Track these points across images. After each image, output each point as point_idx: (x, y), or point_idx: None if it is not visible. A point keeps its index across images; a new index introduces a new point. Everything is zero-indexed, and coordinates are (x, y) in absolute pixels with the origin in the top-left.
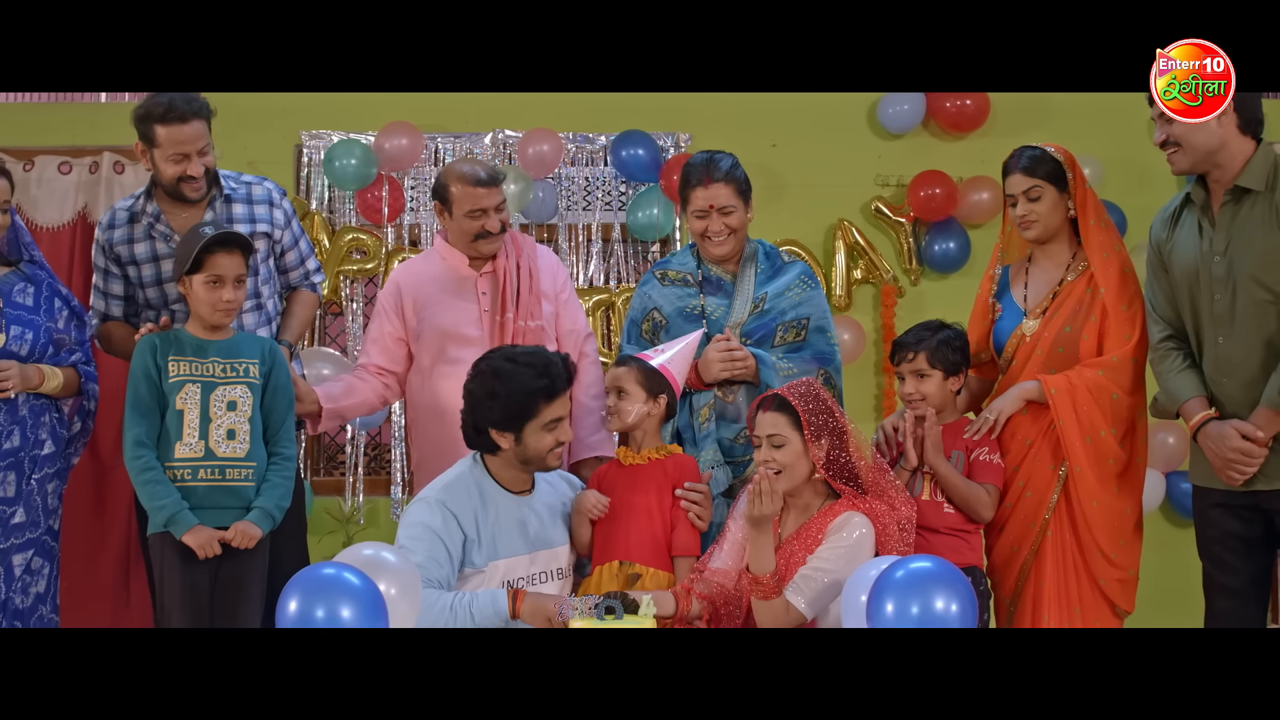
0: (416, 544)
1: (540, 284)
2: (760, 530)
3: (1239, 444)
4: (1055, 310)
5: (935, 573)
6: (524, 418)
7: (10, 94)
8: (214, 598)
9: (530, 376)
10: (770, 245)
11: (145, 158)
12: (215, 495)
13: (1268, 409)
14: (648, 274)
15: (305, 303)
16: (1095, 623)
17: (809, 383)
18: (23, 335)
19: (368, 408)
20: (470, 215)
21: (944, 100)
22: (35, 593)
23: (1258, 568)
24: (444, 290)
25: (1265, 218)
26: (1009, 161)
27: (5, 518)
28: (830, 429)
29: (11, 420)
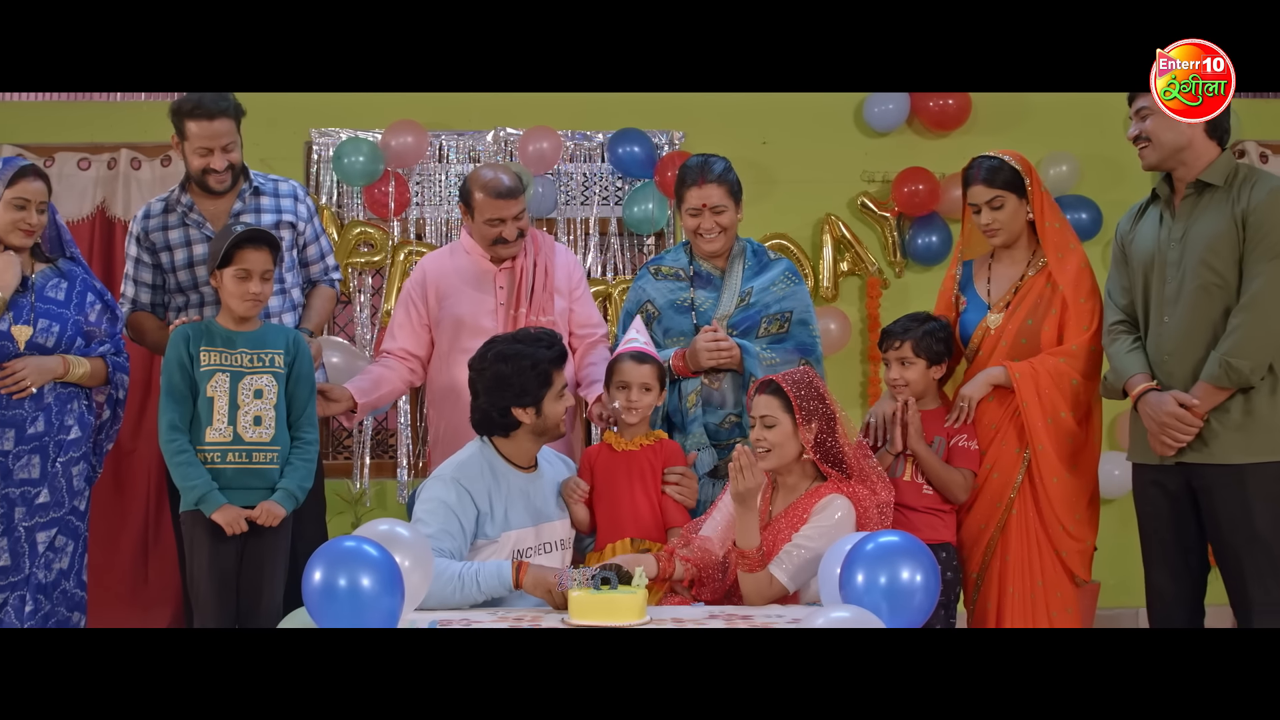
0: (431, 517)
1: (555, 280)
2: (745, 507)
3: (1174, 409)
4: (1018, 304)
5: (902, 546)
6: (543, 388)
7: (31, 94)
8: (240, 572)
9: (540, 349)
10: (758, 244)
11: (179, 151)
12: (243, 477)
13: (1208, 383)
14: (643, 268)
15: (325, 296)
16: (1056, 593)
17: (806, 371)
18: (49, 328)
19: (397, 395)
20: (489, 223)
21: (927, 100)
22: (59, 568)
23: (1191, 544)
24: (465, 282)
25: (1220, 209)
26: (969, 172)
27: (30, 498)
28: (820, 414)
29: (36, 407)
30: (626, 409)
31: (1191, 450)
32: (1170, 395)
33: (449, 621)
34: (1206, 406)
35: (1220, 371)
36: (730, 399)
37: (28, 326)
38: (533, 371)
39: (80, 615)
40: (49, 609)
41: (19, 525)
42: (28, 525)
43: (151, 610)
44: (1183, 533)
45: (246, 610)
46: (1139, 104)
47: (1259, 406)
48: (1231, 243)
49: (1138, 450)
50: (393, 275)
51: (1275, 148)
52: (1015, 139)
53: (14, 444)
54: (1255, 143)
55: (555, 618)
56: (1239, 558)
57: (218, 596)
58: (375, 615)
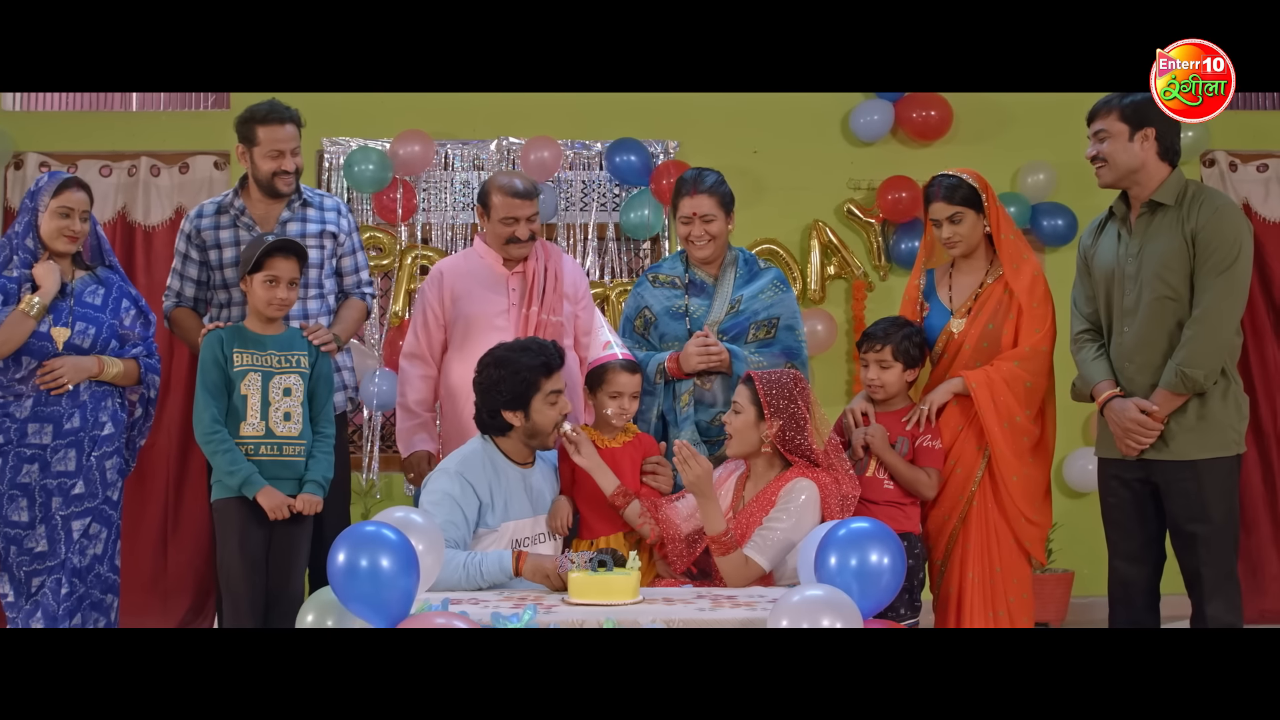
0: (437, 508)
1: (563, 286)
2: (701, 495)
3: (1136, 415)
4: (979, 310)
5: (871, 532)
6: (529, 393)
7: (56, 104)
8: (268, 555)
9: (528, 357)
10: (750, 253)
11: (244, 158)
12: (273, 468)
13: (1165, 390)
14: (642, 276)
15: (355, 308)
16: (1013, 579)
17: (788, 373)
18: (86, 330)
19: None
20: (504, 221)
21: (911, 111)
22: (93, 554)
23: (1151, 533)
24: (479, 283)
25: (1172, 227)
26: (930, 190)
27: (66, 489)
28: (788, 414)
29: (72, 404)
30: (619, 414)
31: (1152, 448)
32: (1132, 402)
33: (460, 600)
34: (1165, 411)
35: (1176, 380)
36: (720, 399)
37: (66, 328)
38: (516, 378)
39: (113, 597)
40: (83, 591)
41: (56, 514)
42: (64, 514)
43: (171, 598)
44: (1143, 522)
45: (274, 591)
46: (1096, 125)
47: (1212, 408)
48: (1183, 259)
49: (1103, 446)
50: (400, 278)
51: (1244, 157)
52: (994, 149)
53: (52, 438)
54: (1225, 152)
55: (556, 598)
56: (1193, 545)
57: (248, 579)
58: (393, 594)
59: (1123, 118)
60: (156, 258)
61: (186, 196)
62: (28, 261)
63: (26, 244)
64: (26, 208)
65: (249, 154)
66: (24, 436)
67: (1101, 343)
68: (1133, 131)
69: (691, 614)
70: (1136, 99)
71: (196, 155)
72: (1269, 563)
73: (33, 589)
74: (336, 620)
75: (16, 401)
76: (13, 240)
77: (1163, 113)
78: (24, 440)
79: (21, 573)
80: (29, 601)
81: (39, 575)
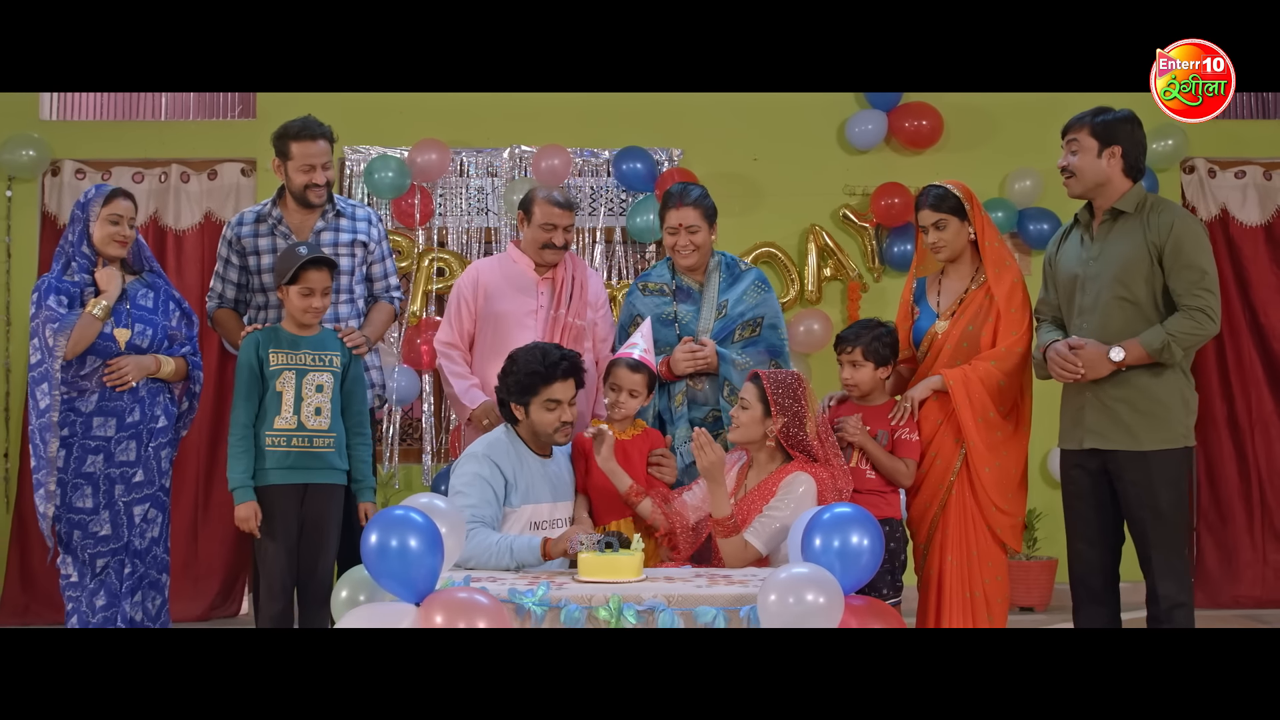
0: (470, 489)
1: (588, 294)
2: (712, 480)
3: (1062, 349)
4: (961, 313)
5: (852, 516)
6: (527, 394)
7: (91, 114)
8: (300, 539)
9: (533, 362)
10: (731, 256)
11: (279, 171)
12: (305, 459)
13: (1139, 343)
14: (632, 286)
15: (383, 311)
16: (988, 562)
17: (793, 375)
18: (144, 331)
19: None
20: (543, 227)
21: (904, 120)
22: (151, 536)
23: (1108, 518)
24: (511, 285)
25: (1133, 234)
26: (919, 199)
27: (128, 477)
28: (792, 412)
29: (133, 400)
30: (613, 405)
31: (1108, 439)
32: (1066, 342)
33: (479, 578)
34: (1129, 358)
35: (1160, 344)
36: (711, 397)
37: (126, 329)
38: (519, 377)
39: (166, 576)
40: (143, 571)
41: (119, 500)
42: (126, 500)
43: (201, 583)
44: (1100, 507)
45: (305, 571)
46: (1069, 137)
47: (1164, 403)
48: (1142, 265)
49: (1065, 438)
50: (418, 280)
51: (1222, 164)
52: (983, 156)
53: (115, 431)
54: (1204, 159)
55: (567, 576)
56: (1145, 528)
57: (281, 562)
58: (420, 571)
59: (1093, 134)
60: (187, 260)
61: (215, 202)
62: (86, 267)
63: (83, 250)
64: (78, 218)
65: (284, 167)
66: (89, 429)
67: (1061, 326)
68: (1101, 148)
69: (690, 589)
70: (1108, 118)
71: (224, 162)
72: (1243, 550)
73: (97, 569)
74: (369, 595)
75: (81, 397)
76: (67, 249)
77: (1132, 132)
78: (89, 433)
79: (86, 555)
80: (93, 580)
81: (103, 557)
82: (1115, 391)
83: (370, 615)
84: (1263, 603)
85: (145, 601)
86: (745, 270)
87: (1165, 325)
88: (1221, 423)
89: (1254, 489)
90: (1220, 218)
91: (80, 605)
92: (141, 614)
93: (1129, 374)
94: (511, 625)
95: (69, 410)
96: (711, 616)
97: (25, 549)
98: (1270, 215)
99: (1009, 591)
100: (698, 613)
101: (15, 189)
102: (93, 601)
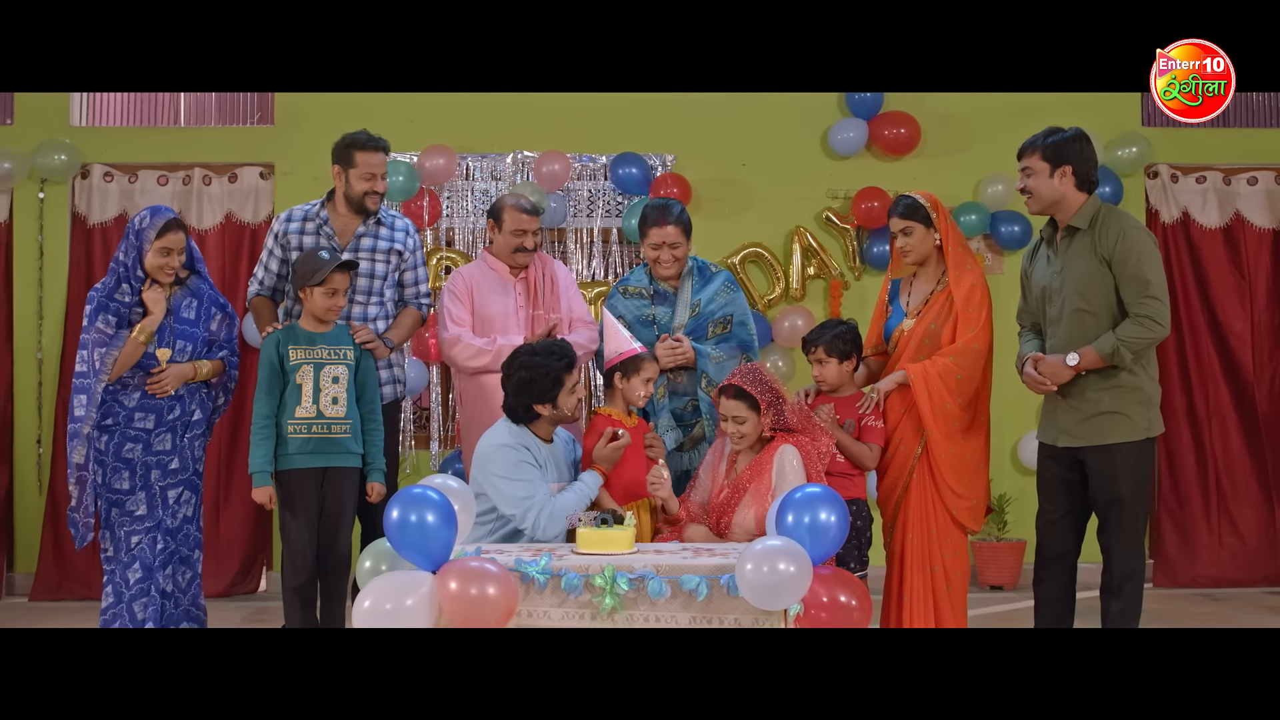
0: (523, 474)
1: (559, 287)
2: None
3: (1028, 368)
4: (925, 312)
5: (821, 495)
6: (557, 389)
7: (118, 120)
8: (320, 518)
9: (554, 360)
10: (701, 260)
11: (340, 178)
12: (324, 444)
13: (1094, 349)
14: (613, 290)
15: (411, 315)
16: (947, 539)
17: (755, 368)
18: (184, 349)
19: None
20: (513, 234)
21: (883, 128)
22: (184, 515)
23: (1074, 502)
24: (491, 288)
25: (1086, 251)
26: (891, 207)
27: (164, 464)
28: (774, 400)
29: (174, 399)
30: (647, 395)
31: (1078, 437)
32: (1031, 358)
33: (489, 550)
34: (1085, 364)
35: (1110, 349)
36: (690, 388)
37: (167, 349)
38: (548, 378)
39: (198, 553)
40: (174, 547)
41: (155, 484)
42: (161, 485)
43: (222, 562)
44: (1067, 493)
45: (325, 546)
46: (1024, 163)
47: (1125, 399)
48: (1096, 275)
49: (1042, 431)
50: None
51: (1184, 170)
52: (958, 162)
53: (154, 425)
54: (1167, 165)
55: (567, 548)
56: (1109, 511)
57: (304, 537)
58: (436, 543)
59: (1044, 157)
60: (209, 258)
61: (235, 203)
62: (136, 289)
63: (136, 274)
64: (132, 244)
65: (344, 174)
66: (130, 421)
67: (1039, 336)
68: (1053, 169)
69: (677, 560)
70: (1057, 140)
71: (244, 166)
72: (1200, 534)
73: (131, 545)
74: (390, 565)
75: (124, 391)
76: (119, 269)
77: (1081, 150)
78: (130, 424)
79: (122, 532)
80: (127, 554)
81: (137, 534)
82: (1080, 394)
83: (392, 582)
84: (1218, 582)
85: (176, 575)
86: (716, 273)
87: (1116, 331)
88: (1181, 414)
89: (1211, 476)
90: (1181, 220)
91: (115, 577)
92: (172, 585)
93: (1093, 377)
94: (518, 591)
95: (113, 401)
96: (695, 584)
97: (59, 530)
98: (1229, 218)
99: (968, 565)
100: (683, 580)
101: (47, 191)
102: (126, 574)
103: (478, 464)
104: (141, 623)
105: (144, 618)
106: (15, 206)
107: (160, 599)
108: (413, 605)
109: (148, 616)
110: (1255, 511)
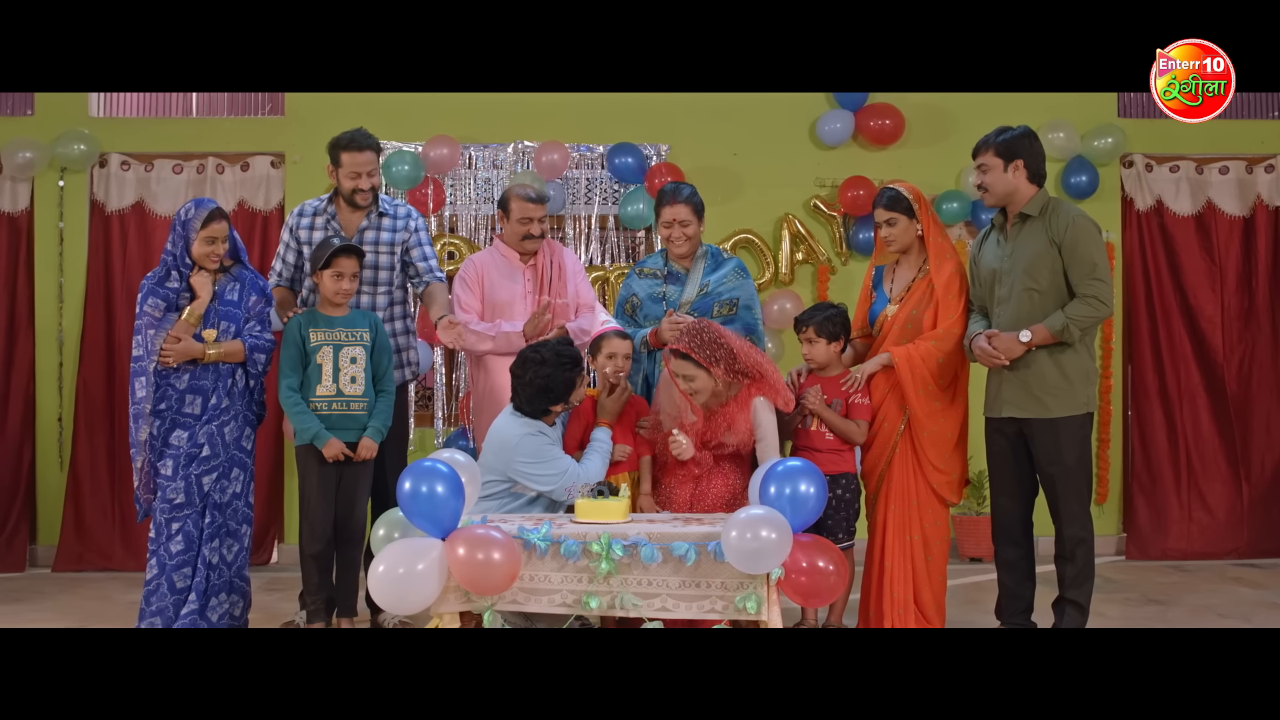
0: (549, 454)
1: (566, 274)
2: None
3: (982, 342)
4: (907, 299)
5: (801, 468)
6: (569, 392)
7: (134, 111)
8: (338, 489)
9: (565, 370)
10: (716, 248)
11: (332, 175)
12: (343, 421)
13: (1045, 326)
14: (632, 270)
15: (440, 290)
16: (927, 510)
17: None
18: (228, 329)
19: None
20: (520, 222)
21: (869, 120)
22: (233, 492)
23: (1023, 474)
24: (502, 274)
25: (1038, 234)
26: (875, 200)
27: (201, 453)
28: (721, 352)
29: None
30: (615, 371)
31: (1022, 408)
32: (983, 334)
33: (494, 519)
34: (1036, 340)
35: (1061, 326)
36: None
37: (213, 329)
38: (562, 386)
39: (247, 527)
40: (221, 521)
41: (192, 474)
42: (197, 474)
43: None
44: (1016, 465)
45: (343, 515)
46: (979, 160)
47: (1068, 378)
48: (1046, 257)
49: (988, 407)
50: None
51: (1158, 159)
52: (941, 152)
53: (200, 410)
54: (1141, 155)
55: (566, 518)
56: (1054, 481)
57: (321, 509)
58: (445, 512)
59: (997, 153)
60: None
61: (247, 191)
62: (185, 276)
63: (185, 262)
64: (179, 234)
65: (335, 173)
66: (181, 406)
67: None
68: (1006, 164)
69: (667, 529)
70: (1008, 137)
71: (256, 155)
72: (1171, 509)
73: (172, 531)
74: (403, 532)
75: (175, 374)
76: (169, 260)
77: (1030, 145)
78: (180, 409)
79: (162, 518)
80: (168, 535)
81: (177, 521)
82: (1027, 369)
83: (405, 548)
84: (1188, 555)
85: (222, 548)
86: (727, 259)
87: (1065, 310)
88: (1154, 394)
89: (1181, 453)
90: (1155, 208)
91: (158, 549)
92: (218, 558)
93: (1038, 354)
94: (520, 557)
95: (167, 386)
96: (684, 550)
97: (79, 504)
98: (1201, 206)
99: (948, 535)
100: (673, 547)
101: (67, 179)
102: (169, 547)
103: (497, 453)
104: (181, 592)
105: (183, 586)
106: (36, 194)
107: (206, 570)
108: (424, 569)
109: (189, 586)
110: (1224, 487)
